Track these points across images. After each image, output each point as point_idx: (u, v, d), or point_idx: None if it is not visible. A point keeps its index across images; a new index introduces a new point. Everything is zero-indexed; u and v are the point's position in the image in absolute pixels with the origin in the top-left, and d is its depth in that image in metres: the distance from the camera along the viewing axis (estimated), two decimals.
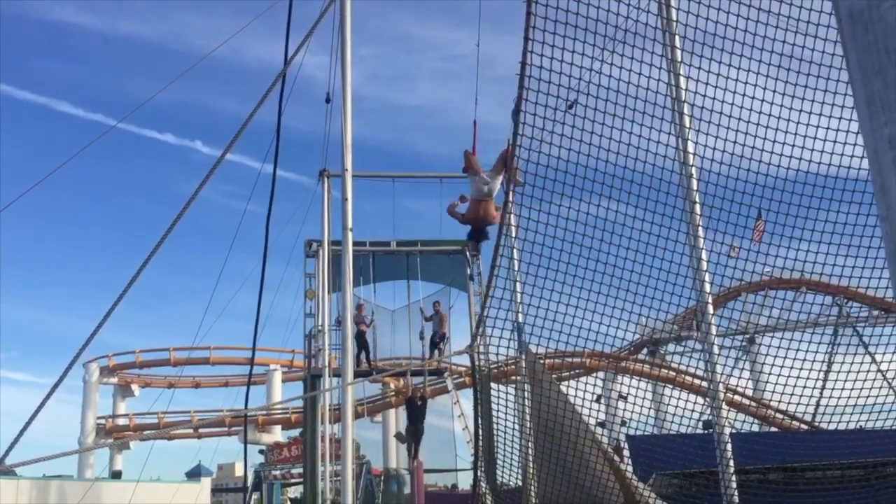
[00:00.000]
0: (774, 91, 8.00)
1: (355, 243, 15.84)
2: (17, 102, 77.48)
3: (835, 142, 7.77)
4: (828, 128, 7.74)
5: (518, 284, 12.02)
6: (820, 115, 7.78)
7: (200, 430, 38.97)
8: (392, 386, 36.13)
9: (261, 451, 36.51)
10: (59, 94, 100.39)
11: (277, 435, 38.82)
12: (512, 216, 10.66)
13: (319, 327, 20.30)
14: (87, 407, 39.51)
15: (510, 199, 9.10)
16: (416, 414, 20.51)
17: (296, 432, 36.08)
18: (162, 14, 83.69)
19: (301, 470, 26.88)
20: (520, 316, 13.06)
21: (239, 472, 59.02)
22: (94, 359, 38.77)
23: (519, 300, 12.43)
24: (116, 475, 36.98)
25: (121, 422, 40.66)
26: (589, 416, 11.49)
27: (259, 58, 67.72)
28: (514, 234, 10.84)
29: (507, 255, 10.78)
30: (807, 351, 9.79)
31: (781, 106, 7.85)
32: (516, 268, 11.53)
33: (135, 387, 41.92)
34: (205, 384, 42.75)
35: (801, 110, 7.79)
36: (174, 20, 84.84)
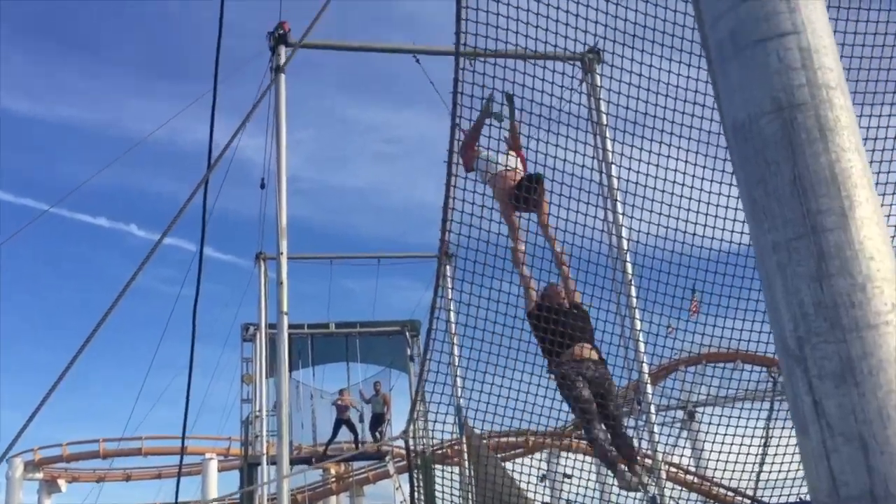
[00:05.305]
0: (702, 171, 8.21)
1: (293, 326, 15.56)
2: None
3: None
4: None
5: (455, 363, 11.90)
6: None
7: None
8: (332, 472, 35.21)
9: None
10: None
11: None
12: (450, 290, 10.54)
13: (257, 413, 19.75)
14: None
15: (440, 279, 8.90)
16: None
17: None
18: (98, 98, 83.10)
19: None
20: (459, 395, 12.92)
21: None
22: (17, 453, 36.94)
23: (456, 381, 12.30)
24: None
25: None
26: (535, 496, 11.29)
27: (196, 139, 67.52)
28: (448, 317, 10.73)
29: (441, 338, 10.64)
30: (746, 424, 9.84)
31: (710, 188, 8.06)
32: (453, 348, 11.42)
33: (62, 482, 40.03)
34: (136, 476, 41.08)
35: (727, 196, 8.01)
36: (111, 103, 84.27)
